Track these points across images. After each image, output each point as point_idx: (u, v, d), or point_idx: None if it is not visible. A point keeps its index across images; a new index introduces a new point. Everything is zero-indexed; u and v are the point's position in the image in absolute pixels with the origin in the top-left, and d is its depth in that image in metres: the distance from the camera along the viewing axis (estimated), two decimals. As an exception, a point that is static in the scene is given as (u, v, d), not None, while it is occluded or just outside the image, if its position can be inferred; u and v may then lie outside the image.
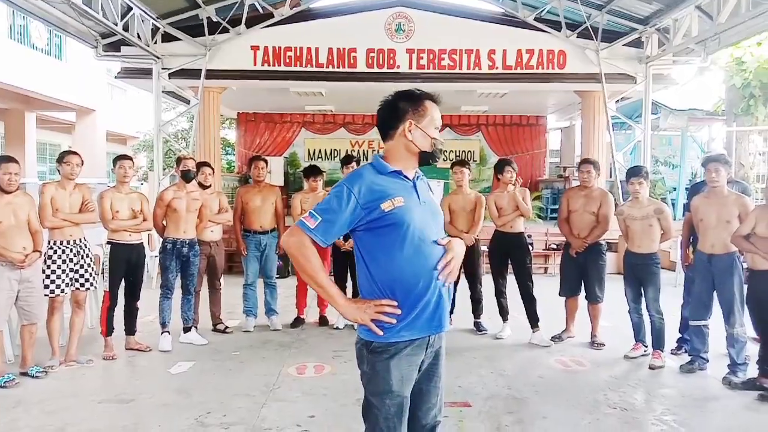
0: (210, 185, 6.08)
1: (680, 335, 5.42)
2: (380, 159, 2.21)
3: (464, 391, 4.37)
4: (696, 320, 4.83)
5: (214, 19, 9.66)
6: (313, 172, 6.30)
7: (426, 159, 2.20)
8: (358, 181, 2.11)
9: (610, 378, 4.72)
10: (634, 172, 5.18)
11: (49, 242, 4.86)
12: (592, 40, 9.71)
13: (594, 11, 9.54)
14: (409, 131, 2.16)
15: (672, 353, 5.30)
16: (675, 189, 12.74)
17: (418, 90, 2.21)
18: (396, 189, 2.13)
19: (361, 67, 9.96)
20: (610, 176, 10.68)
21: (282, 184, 13.36)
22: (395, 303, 2.09)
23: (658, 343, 5.02)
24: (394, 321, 2.09)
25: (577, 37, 9.91)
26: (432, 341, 2.17)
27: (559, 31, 9.94)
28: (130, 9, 8.56)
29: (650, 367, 4.92)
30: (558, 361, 5.17)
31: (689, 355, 4.97)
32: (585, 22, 9.54)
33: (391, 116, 2.19)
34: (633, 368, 4.98)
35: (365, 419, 2.18)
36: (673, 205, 12.14)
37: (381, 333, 2.09)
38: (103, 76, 15.95)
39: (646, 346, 5.20)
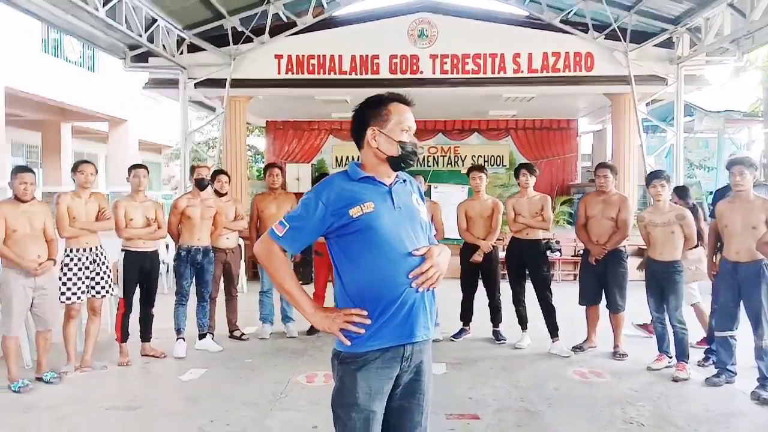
0: (226, 193, 6.10)
1: (707, 346, 5.18)
2: (355, 166, 2.16)
3: (474, 403, 4.25)
4: (722, 331, 4.60)
5: (239, 29, 9.76)
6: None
7: (396, 164, 2.12)
8: (326, 188, 2.09)
9: (629, 390, 4.53)
10: (655, 175, 5.00)
11: (65, 250, 4.93)
12: (621, 41, 9.47)
13: (622, 12, 9.31)
14: (374, 138, 2.10)
15: (699, 365, 5.06)
16: (711, 193, 12.30)
17: (387, 93, 2.15)
18: (367, 195, 2.06)
19: (384, 74, 9.91)
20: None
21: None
22: (365, 313, 2.01)
23: (682, 355, 4.80)
24: (362, 331, 2.01)
25: (605, 38, 9.68)
26: (408, 353, 2.06)
27: (586, 33, 9.72)
28: (154, 21, 8.71)
29: (674, 380, 4.70)
30: (576, 372, 4.99)
31: (716, 368, 4.73)
32: (613, 24, 9.32)
33: (358, 125, 2.15)
34: (655, 380, 4.77)
35: None
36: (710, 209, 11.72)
37: (348, 343, 2.03)
38: (136, 87, 16.31)
39: (671, 357, 4.99)
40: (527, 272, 5.78)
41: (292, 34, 9.98)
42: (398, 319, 2.03)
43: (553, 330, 5.63)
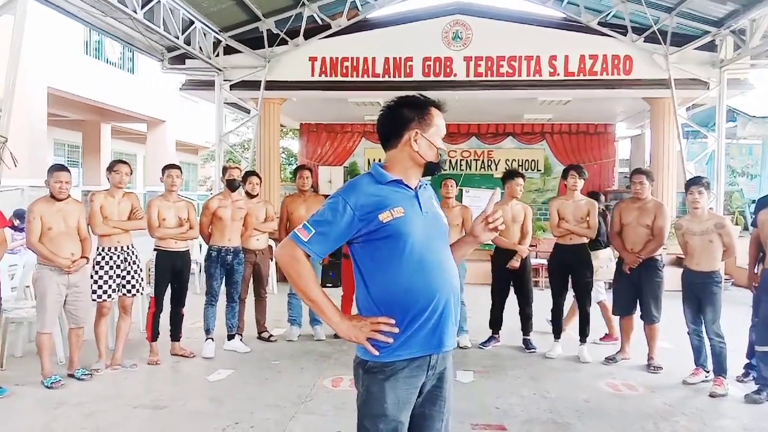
0: (257, 194, 6.13)
1: (748, 361, 4.97)
2: (379, 168, 2.09)
3: (501, 413, 4.16)
4: (763, 346, 4.42)
5: (274, 32, 9.83)
6: None
7: (432, 170, 2.09)
8: (354, 191, 2.00)
9: (663, 405, 4.38)
10: (693, 182, 4.83)
11: (98, 248, 5.00)
12: (661, 44, 9.23)
13: (663, 14, 9.07)
14: (415, 141, 2.04)
15: (738, 380, 4.86)
16: (754, 202, 11.88)
17: (422, 96, 2.09)
18: (396, 199, 2.00)
19: (417, 76, 9.86)
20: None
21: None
22: (393, 321, 1.96)
23: (720, 369, 4.62)
24: (390, 340, 1.96)
25: (645, 41, 9.45)
26: (434, 362, 2.03)
27: (625, 36, 9.51)
28: (192, 23, 8.84)
29: (710, 395, 4.53)
30: (608, 384, 4.85)
31: (755, 384, 4.55)
32: (653, 26, 9.08)
33: (395, 124, 2.07)
34: (691, 395, 4.60)
35: None
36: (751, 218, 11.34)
37: (376, 353, 1.97)
38: (174, 89, 16.72)
39: (708, 372, 4.81)
40: (570, 279, 5.64)
41: (326, 37, 10.01)
42: (427, 328, 1.99)
43: (583, 335, 5.53)
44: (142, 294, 5.36)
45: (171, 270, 5.34)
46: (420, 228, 2.01)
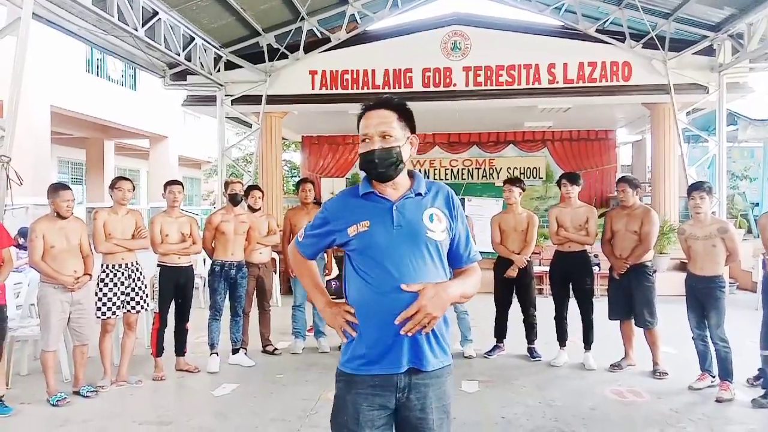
0: (259, 208, 6.16)
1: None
2: (365, 180, 2.07)
3: (507, 423, 4.15)
4: (766, 349, 4.40)
5: (274, 46, 9.91)
6: None
7: (368, 177, 2.05)
8: (333, 204, 2.14)
9: (669, 411, 4.36)
10: (694, 187, 4.83)
11: (101, 266, 5.02)
12: (659, 49, 9.28)
13: (660, 20, 9.13)
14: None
15: (749, 384, 4.82)
16: (757, 204, 11.87)
17: (371, 101, 2.04)
18: (366, 212, 1.99)
19: (417, 87, 9.92)
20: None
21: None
22: (352, 310, 1.99)
23: (726, 374, 4.59)
24: (354, 333, 1.98)
25: (643, 47, 9.49)
26: (402, 384, 1.93)
27: (623, 42, 9.55)
28: (192, 39, 8.92)
29: (717, 400, 4.50)
30: (614, 391, 4.83)
31: (763, 388, 4.51)
32: (650, 32, 9.13)
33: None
34: (698, 401, 4.58)
35: None
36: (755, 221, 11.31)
37: (345, 339, 2.02)
38: (176, 104, 16.86)
39: (714, 377, 4.78)
40: (571, 286, 5.64)
41: (326, 50, 10.09)
42: (384, 344, 1.93)
43: (587, 342, 5.53)
44: (147, 310, 5.37)
45: (174, 285, 5.36)
46: (385, 242, 1.94)
